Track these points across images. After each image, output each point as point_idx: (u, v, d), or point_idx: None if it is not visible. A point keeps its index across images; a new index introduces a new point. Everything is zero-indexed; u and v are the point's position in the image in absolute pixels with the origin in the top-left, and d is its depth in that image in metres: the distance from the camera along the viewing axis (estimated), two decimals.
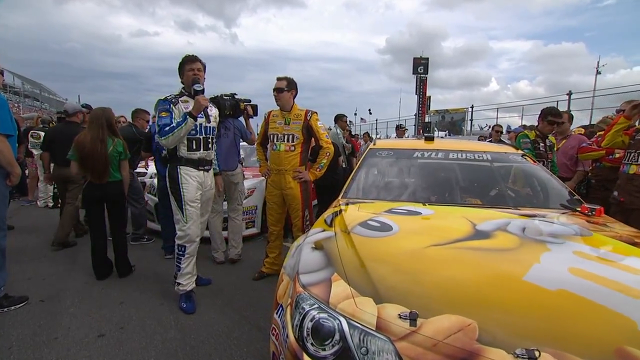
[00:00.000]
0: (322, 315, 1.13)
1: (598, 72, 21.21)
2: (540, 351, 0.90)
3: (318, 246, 1.55)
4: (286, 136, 2.92)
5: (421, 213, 1.87)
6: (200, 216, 2.71)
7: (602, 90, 15.44)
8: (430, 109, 30.06)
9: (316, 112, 2.96)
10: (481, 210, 1.95)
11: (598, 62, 21.41)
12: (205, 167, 2.71)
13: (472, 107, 17.98)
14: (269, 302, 2.60)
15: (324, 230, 1.74)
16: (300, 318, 1.16)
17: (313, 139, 3.01)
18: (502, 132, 6.12)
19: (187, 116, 2.45)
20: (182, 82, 2.65)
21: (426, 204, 2.06)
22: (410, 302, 1.10)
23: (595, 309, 1.05)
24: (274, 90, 2.92)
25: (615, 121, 2.70)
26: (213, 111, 2.69)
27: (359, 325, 1.07)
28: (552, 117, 3.23)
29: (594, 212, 1.89)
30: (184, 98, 2.63)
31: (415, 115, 28.10)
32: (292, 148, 2.92)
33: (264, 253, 3.26)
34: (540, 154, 3.12)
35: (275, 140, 2.95)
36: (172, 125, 2.47)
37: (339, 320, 1.10)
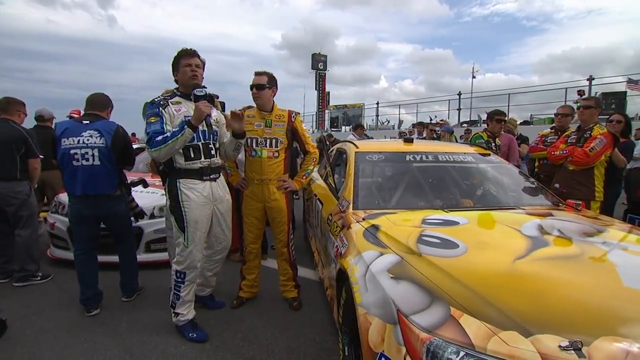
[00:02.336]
0: None
1: (473, 77, 25.31)
2: None
3: (399, 275, 1.38)
4: (268, 140, 2.56)
5: (458, 222, 1.86)
6: (224, 233, 2.45)
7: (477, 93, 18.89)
8: (330, 104, 31.49)
9: (299, 113, 2.69)
10: (501, 214, 2.05)
11: (473, 68, 25.51)
12: (212, 176, 2.28)
13: (377, 103, 19.47)
14: (266, 334, 2.33)
15: (381, 254, 1.56)
16: None
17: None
18: (436, 131, 6.73)
19: (185, 125, 1.99)
20: (176, 80, 2.21)
21: (447, 211, 2.07)
22: (558, 329, 1.05)
23: None
24: (253, 87, 2.52)
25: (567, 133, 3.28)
26: (214, 113, 2.20)
27: None
28: (499, 116, 3.71)
29: (579, 207, 2.21)
30: (176, 99, 2.11)
31: (316, 111, 29.04)
32: (276, 154, 2.58)
33: (240, 276, 2.85)
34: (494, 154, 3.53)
35: (254, 145, 2.56)
36: (165, 135, 2.00)
37: None
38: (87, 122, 2.57)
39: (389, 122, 19.50)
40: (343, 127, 21.05)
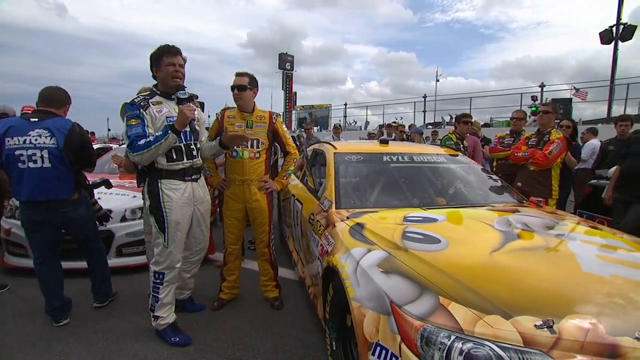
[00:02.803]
0: (468, 345, 1.09)
1: (437, 80, 26.32)
2: None
3: (388, 270, 1.46)
4: (250, 141, 2.57)
5: (437, 219, 1.99)
6: (203, 234, 2.45)
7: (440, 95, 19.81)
8: (297, 104, 31.53)
9: (280, 114, 2.72)
10: (474, 211, 2.22)
11: (437, 72, 26.54)
12: (194, 177, 2.27)
13: (345, 104, 19.81)
14: (250, 334, 2.34)
15: (369, 250, 1.64)
16: (444, 354, 1.09)
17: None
18: (405, 132, 7.00)
19: (169, 130, 1.98)
20: (155, 77, 2.15)
21: (424, 209, 2.20)
22: (533, 311, 1.18)
23: None
24: (234, 87, 2.51)
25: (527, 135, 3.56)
26: (196, 112, 2.15)
27: (509, 346, 1.08)
28: (466, 119, 3.96)
29: (541, 204, 2.43)
30: (156, 99, 2.06)
31: (283, 111, 28.94)
32: (257, 155, 2.59)
33: (220, 277, 2.82)
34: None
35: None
36: (148, 140, 1.99)
37: (488, 345, 1.09)
38: (36, 119, 2.32)
39: (356, 122, 19.93)
40: (314, 129, 21.16)
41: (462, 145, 3.93)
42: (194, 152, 2.27)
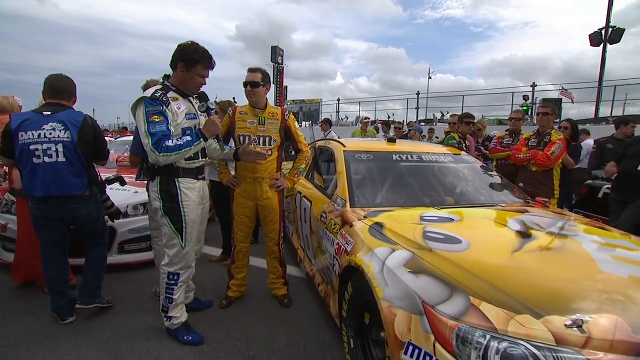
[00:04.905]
0: (504, 344, 1.13)
1: (430, 77, 26.49)
2: None
3: (416, 270, 1.49)
4: (262, 139, 2.55)
5: (453, 219, 2.03)
6: (203, 234, 2.46)
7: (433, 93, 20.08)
8: (288, 98, 31.31)
9: (292, 111, 2.72)
10: (484, 211, 2.26)
11: (429, 69, 26.73)
12: (203, 175, 2.30)
13: (338, 100, 19.84)
14: (262, 332, 2.35)
15: (394, 250, 1.66)
16: (481, 354, 1.12)
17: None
18: (402, 130, 7.05)
19: (201, 137, 2.06)
20: (172, 76, 2.11)
21: (438, 208, 2.23)
22: (561, 311, 1.22)
23: None
24: (247, 84, 2.49)
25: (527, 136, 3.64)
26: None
27: (543, 345, 1.12)
28: (468, 119, 4.03)
29: (547, 204, 2.50)
30: (172, 95, 2.03)
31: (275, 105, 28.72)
32: (269, 152, 2.58)
33: (228, 275, 2.81)
34: None
35: (247, 143, 2.53)
36: (179, 143, 1.96)
37: (523, 345, 1.12)
38: (49, 113, 2.27)
39: (347, 118, 19.94)
40: (303, 123, 21.09)
41: (464, 145, 3.99)
42: (206, 151, 2.29)
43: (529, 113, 13.47)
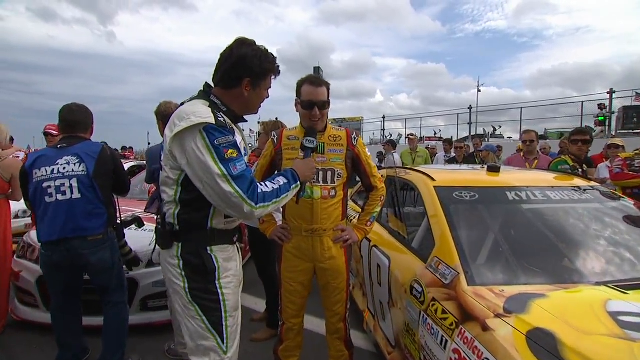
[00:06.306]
0: None
1: (479, 90, 24.80)
2: None
3: None
4: (322, 173, 1.79)
5: None
6: None
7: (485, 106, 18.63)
8: (328, 117, 30.93)
9: (360, 132, 1.95)
10: None
11: (478, 82, 25.03)
12: (238, 236, 1.53)
13: (383, 117, 19.03)
14: None
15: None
16: None
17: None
18: (464, 148, 6.01)
19: (299, 180, 1.41)
20: (218, 90, 1.39)
21: (622, 290, 1.31)
22: None
23: None
24: (313, 104, 1.76)
25: None
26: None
27: None
28: (577, 136, 3.02)
29: None
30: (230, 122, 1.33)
31: None
32: (333, 193, 1.81)
33: (274, 356, 2.03)
34: None
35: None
36: (275, 187, 1.31)
37: None
38: (64, 145, 2.10)
39: (391, 135, 18.99)
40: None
41: (581, 170, 2.96)
42: None
43: (607, 124, 11.72)
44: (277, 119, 2.82)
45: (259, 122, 2.58)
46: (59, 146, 2.12)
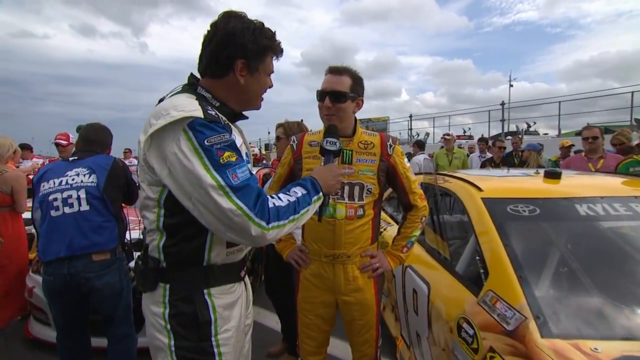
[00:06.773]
0: None
1: (511, 85, 23.45)
2: None
3: None
4: (348, 188, 1.49)
5: None
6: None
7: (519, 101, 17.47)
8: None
9: (397, 139, 1.61)
10: None
11: (510, 76, 23.67)
12: (246, 267, 1.19)
13: (410, 116, 18.33)
14: None
15: None
16: None
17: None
18: (503, 148, 5.49)
19: (321, 191, 1.09)
20: (206, 81, 1.07)
21: None
22: None
23: None
24: (323, 94, 1.45)
25: None
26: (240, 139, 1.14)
27: None
28: None
29: None
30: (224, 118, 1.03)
31: None
32: (361, 212, 1.50)
33: None
34: None
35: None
36: (290, 199, 0.99)
37: None
38: (75, 158, 2.05)
39: (418, 135, 18.29)
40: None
41: None
42: None
43: None
44: (302, 120, 2.51)
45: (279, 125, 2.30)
46: (70, 159, 2.07)
